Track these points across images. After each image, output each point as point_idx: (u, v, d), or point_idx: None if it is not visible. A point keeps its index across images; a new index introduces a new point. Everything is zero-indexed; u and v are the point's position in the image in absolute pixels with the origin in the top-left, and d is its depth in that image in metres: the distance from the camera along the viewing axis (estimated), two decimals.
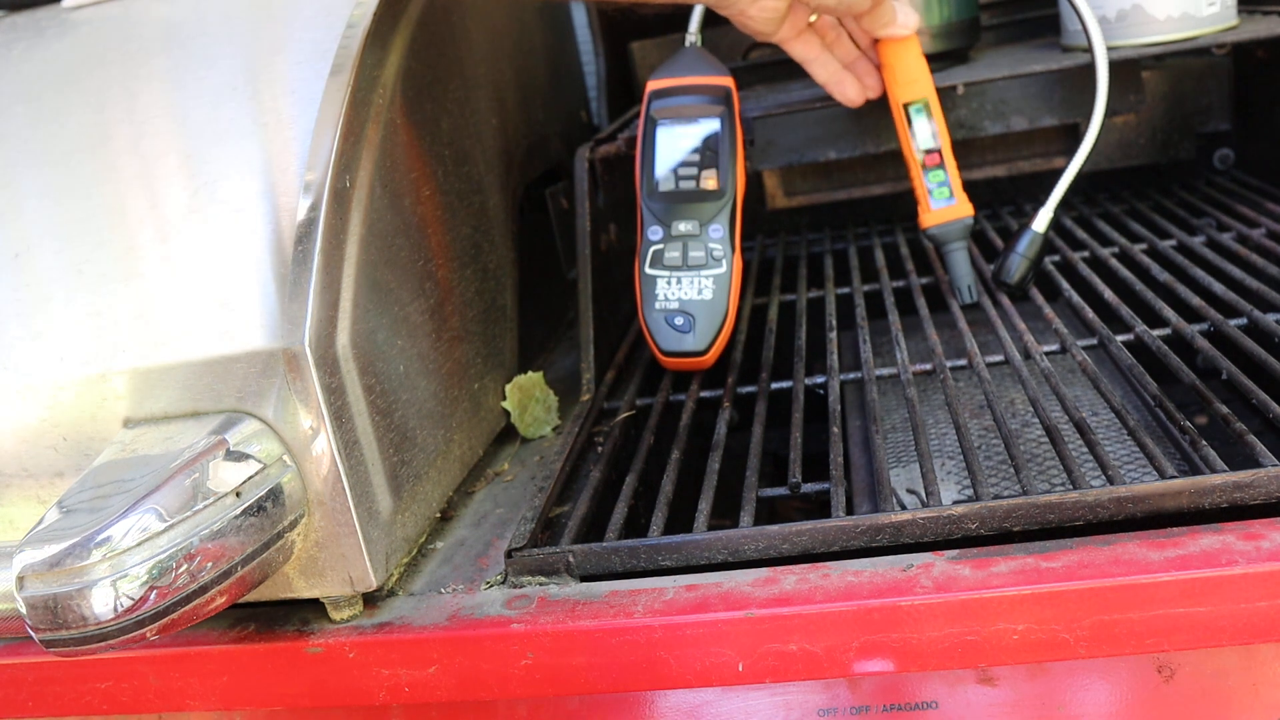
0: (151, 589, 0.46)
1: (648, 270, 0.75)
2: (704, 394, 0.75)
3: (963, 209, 0.80)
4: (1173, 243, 0.87)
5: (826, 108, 0.84)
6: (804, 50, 0.76)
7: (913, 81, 0.78)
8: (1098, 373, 0.65)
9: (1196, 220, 0.92)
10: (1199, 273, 0.77)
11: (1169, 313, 0.71)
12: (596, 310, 0.82)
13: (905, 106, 0.78)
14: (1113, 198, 1.05)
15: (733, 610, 0.51)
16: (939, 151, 0.79)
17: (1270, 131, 0.99)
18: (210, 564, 0.48)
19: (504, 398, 0.77)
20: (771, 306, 0.88)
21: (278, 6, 0.66)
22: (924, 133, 0.79)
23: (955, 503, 0.53)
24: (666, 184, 0.77)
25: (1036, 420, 0.72)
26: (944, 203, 0.79)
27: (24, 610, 0.46)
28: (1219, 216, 0.91)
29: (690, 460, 0.69)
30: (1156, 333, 0.69)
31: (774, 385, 0.74)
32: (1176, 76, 1.04)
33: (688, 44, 0.83)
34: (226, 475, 0.50)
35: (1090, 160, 0.78)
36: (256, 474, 0.51)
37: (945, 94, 0.83)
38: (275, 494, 0.52)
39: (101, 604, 0.45)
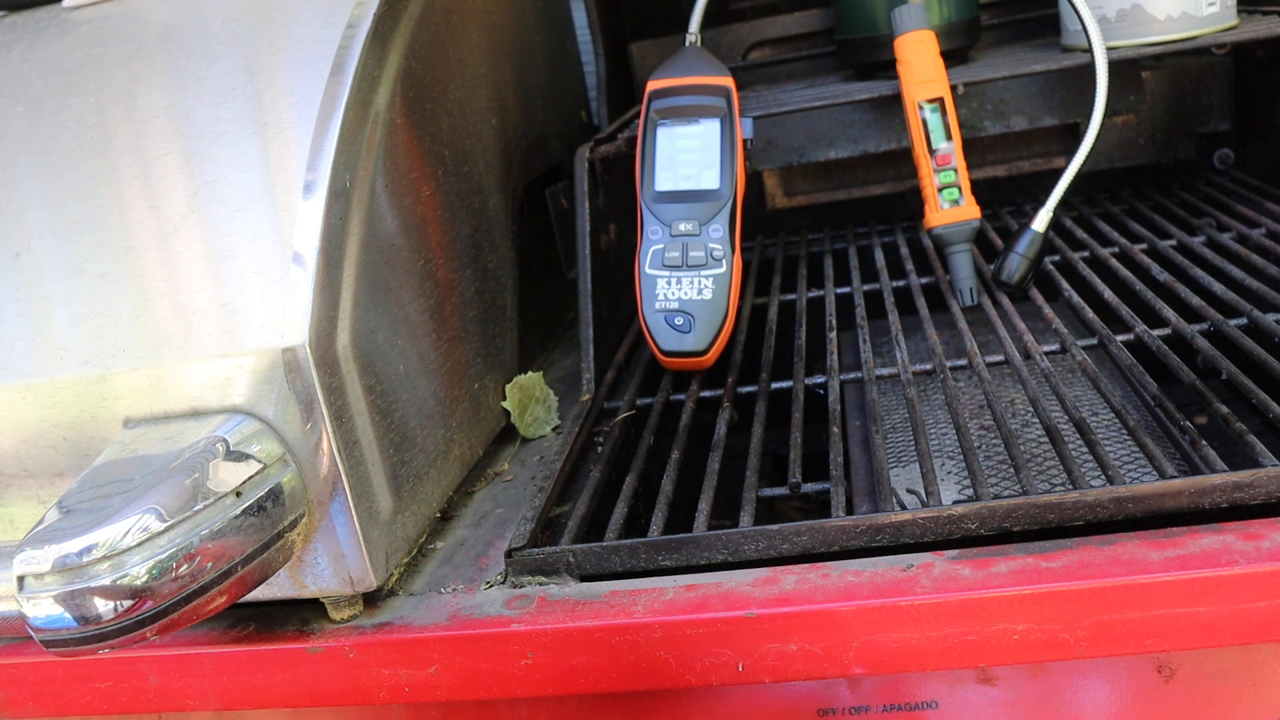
0: (152, 589, 0.46)
1: (648, 270, 0.75)
2: (704, 394, 0.75)
3: (970, 210, 0.80)
4: (1173, 243, 0.87)
5: (826, 107, 0.84)
6: None
7: (929, 80, 0.78)
8: (1098, 373, 0.65)
9: (1196, 220, 0.92)
10: (1199, 273, 0.77)
11: (1169, 313, 0.71)
12: (596, 310, 0.82)
13: (920, 105, 0.78)
14: (1113, 198, 1.05)
15: (733, 610, 0.51)
16: (950, 152, 0.79)
17: (1270, 131, 0.99)
18: (210, 564, 0.48)
19: (504, 398, 0.77)
20: (771, 306, 0.88)
21: (278, 6, 0.66)
22: (937, 132, 0.79)
23: (955, 503, 0.53)
24: (666, 184, 0.76)
25: (1036, 420, 0.72)
26: (952, 203, 0.80)
27: (24, 610, 0.46)
28: (1219, 216, 0.91)
29: (690, 460, 0.69)
30: (1156, 333, 0.69)
31: (774, 385, 0.74)
32: (1176, 76, 1.04)
33: (688, 44, 0.83)
34: (226, 475, 0.50)
35: (1090, 160, 0.78)
36: (256, 474, 0.51)
37: None
38: (275, 494, 0.52)
39: (102, 604, 0.45)
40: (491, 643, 0.54)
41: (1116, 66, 0.92)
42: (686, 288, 0.75)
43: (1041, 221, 0.78)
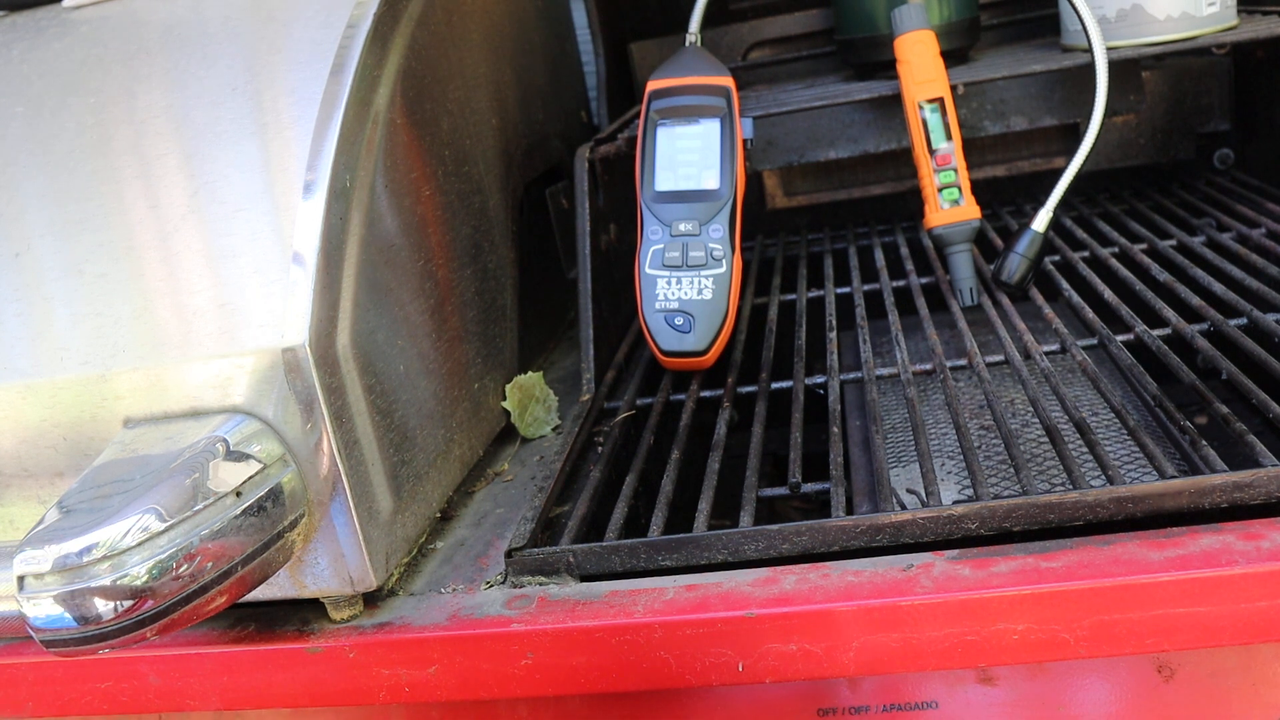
0: (152, 589, 0.46)
1: (648, 270, 0.75)
2: (704, 394, 0.75)
3: (970, 210, 0.80)
4: (1173, 243, 0.87)
5: (826, 107, 0.84)
6: None
7: (929, 80, 0.78)
8: (1098, 373, 0.65)
9: (1196, 220, 0.92)
10: (1199, 273, 0.77)
11: (1169, 313, 0.71)
12: (596, 310, 0.82)
13: (920, 105, 0.78)
14: (1113, 198, 1.05)
15: (733, 610, 0.51)
16: (950, 152, 0.79)
17: (1270, 131, 0.99)
18: (210, 564, 0.48)
19: (504, 398, 0.77)
20: (771, 306, 0.88)
21: (278, 6, 0.66)
22: (937, 132, 0.79)
23: (955, 503, 0.53)
24: (666, 184, 0.77)
25: (1036, 420, 0.72)
26: (952, 203, 0.80)
27: (24, 610, 0.46)
28: (1219, 216, 0.91)
29: (690, 460, 0.69)
30: (1156, 333, 0.69)
31: (774, 385, 0.74)
32: (1176, 76, 1.04)
33: (688, 44, 0.83)
34: (226, 475, 0.50)
35: (1090, 160, 0.78)
36: (256, 474, 0.51)
37: None
38: (275, 494, 0.52)
39: (102, 604, 0.45)
40: (491, 643, 0.54)
41: (1116, 66, 0.92)
42: (686, 288, 0.75)
43: (1041, 221, 0.78)
